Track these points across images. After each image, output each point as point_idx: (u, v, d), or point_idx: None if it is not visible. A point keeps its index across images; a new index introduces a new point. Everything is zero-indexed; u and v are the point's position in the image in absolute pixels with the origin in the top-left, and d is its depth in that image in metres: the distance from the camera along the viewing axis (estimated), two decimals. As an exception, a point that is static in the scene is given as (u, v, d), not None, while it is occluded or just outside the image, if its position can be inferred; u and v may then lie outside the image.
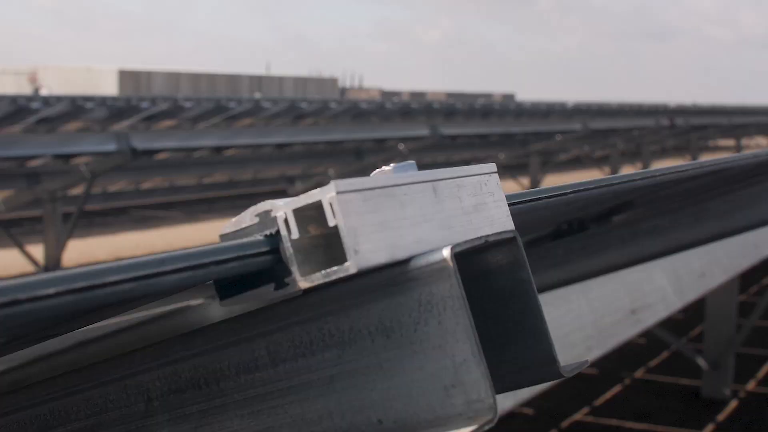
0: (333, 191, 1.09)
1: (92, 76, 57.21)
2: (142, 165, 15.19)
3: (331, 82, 72.65)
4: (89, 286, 0.91)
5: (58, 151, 14.50)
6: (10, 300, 0.85)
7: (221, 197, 21.73)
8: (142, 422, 1.35)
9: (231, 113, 19.28)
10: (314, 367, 1.21)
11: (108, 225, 20.09)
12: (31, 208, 15.02)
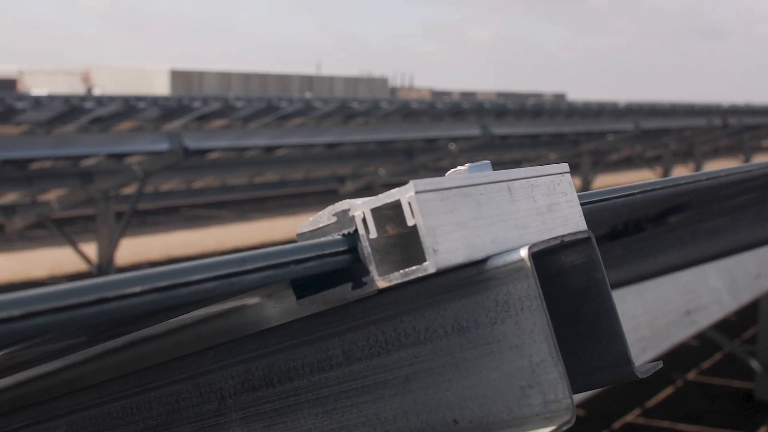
0: (412, 191, 1.09)
1: (144, 76, 57.61)
2: (194, 164, 15.27)
3: (381, 81, 72.70)
4: (174, 285, 0.92)
5: (111, 150, 14.61)
6: (98, 298, 0.85)
7: (272, 197, 21.81)
8: (215, 420, 1.35)
9: (282, 113, 19.34)
10: (389, 367, 1.21)
11: (160, 224, 20.23)
12: (85, 207, 15.15)
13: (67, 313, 0.83)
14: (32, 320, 0.80)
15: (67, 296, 0.83)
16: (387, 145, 16.51)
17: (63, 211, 14.75)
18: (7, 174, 14.14)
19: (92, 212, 14.85)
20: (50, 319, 0.81)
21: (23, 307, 0.79)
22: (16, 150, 13.56)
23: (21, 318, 0.79)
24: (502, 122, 20.75)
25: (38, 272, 15.49)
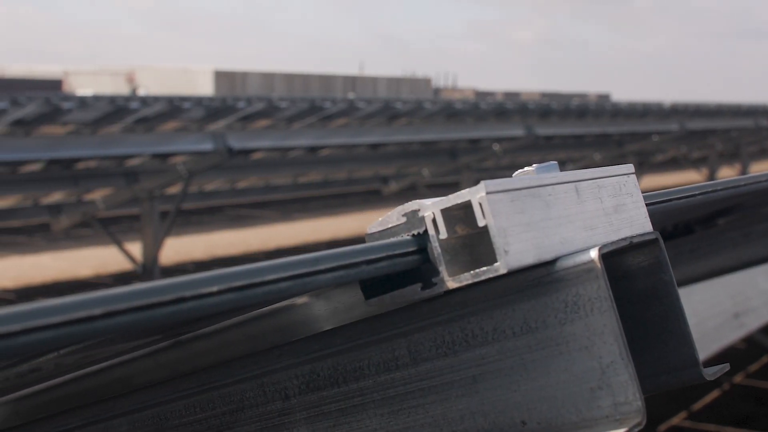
0: (483, 191, 1.09)
1: (188, 77, 57.90)
2: (238, 164, 15.32)
3: (424, 82, 72.64)
4: (249, 285, 0.92)
5: (155, 150, 14.69)
6: (177, 297, 0.85)
7: (315, 197, 21.85)
8: (279, 420, 1.35)
9: (325, 113, 19.36)
10: (456, 367, 1.20)
11: (204, 223, 20.32)
12: (130, 207, 15.22)
13: (146, 312, 0.83)
14: (112, 319, 0.80)
15: (146, 296, 0.83)
16: (430, 145, 16.49)
17: (108, 210, 14.83)
18: (54, 173, 14.24)
19: (137, 212, 14.93)
20: (130, 318, 0.82)
21: (104, 306, 0.80)
22: (62, 150, 13.65)
23: (102, 317, 0.80)
24: (546, 123, 20.69)
25: (84, 271, 15.61)
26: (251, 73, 60.57)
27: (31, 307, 0.77)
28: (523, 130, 16.18)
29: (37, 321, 0.76)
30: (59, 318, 0.77)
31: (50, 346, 0.77)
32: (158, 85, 53.35)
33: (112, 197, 14.71)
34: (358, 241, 4.96)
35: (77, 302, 0.78)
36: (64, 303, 0.78)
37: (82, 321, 0.78)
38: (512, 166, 20.01)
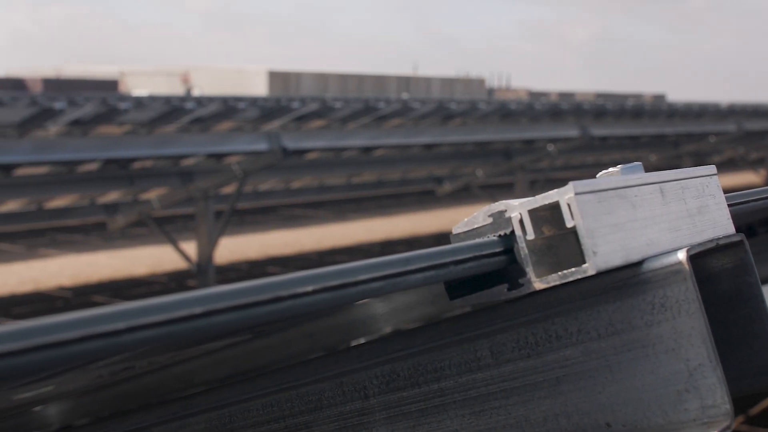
0: (571, 192, 1.08)
1: (242, 77, 58.15)
2: (292, 164, 15.36)
3: (478, 82, 72.46)
4: (343, 284, 0.92)
5: (210, 150, 14.76)
6: (273, 297, 0.86)
7: (369, 197, 21.87)
8: (358, 419, 1.35)
9: (380, 114, 19.39)
10: (539, 369, 1.20)
11: (258, 223, 20.39)
12: (185, 206, 15.32)
13: (244, 311, 0.83)
14: (212, 318, 0.81)
15: (244, 295, 0.84)
16: (485, 146, 16.45)
17: (163, 209, 14.93)
18: (110, 173, 14.36)
19: (192, 211, 15.01)
20: (229, 317, 0.82)
21: (204, 305, 0.80)
22: (118, 150, 13.76)
23: (202, 316, 0.80)
24: (601, 123, 20.57)
25: (139, 270, 15.72)
26: (305, 73, 60.72)
27: (135, 306, 0.78)
28: (577, 131, 16.10)
29: (140, 320, 0.77)
30: (162, 317, 0.78)
31: (152, 345, 0.77)
32: (213, 85, 53.62)
33: (168, 197, 14.80)
34: (412, 242, 4.99)
35: (179, 301, 0.79)
36: (166, 302, 0.78)
37: (183, 320, 0.79)
38: (567, 167, 19.93)
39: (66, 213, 15.67)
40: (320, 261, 16.27)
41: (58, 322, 0.74)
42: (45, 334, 0.72)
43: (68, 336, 0.73)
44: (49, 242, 18.15)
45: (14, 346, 0.70)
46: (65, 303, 13.29)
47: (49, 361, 0.71)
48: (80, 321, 0.75)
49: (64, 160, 13.35)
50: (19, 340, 0.70)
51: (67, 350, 0.73)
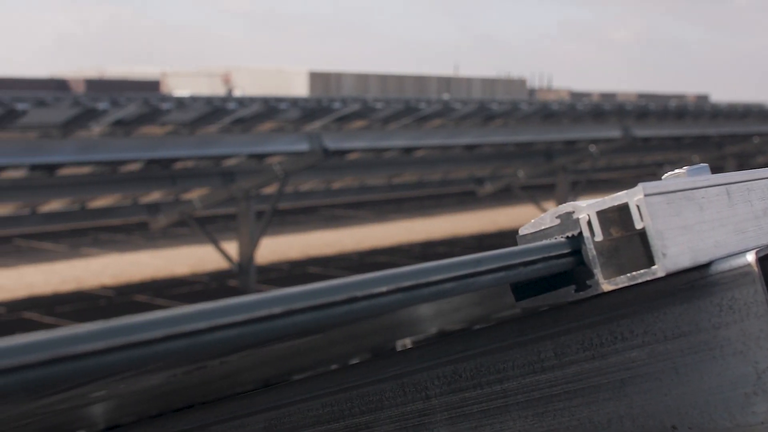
0: (641, 194, 1.08)
1: (283, 78, 58.23)
2: (333, 165, 15.37)
3: (519, 82, 72.19)
4: (417, 285, 0.92)
5: (252, 150, 14.81)
6: (349, 297, 0.86)
7: (410, 197, 21.87)
8: (419, 420, 1.35)
9: (421, 114, 19.38)
10: (604, 370, 1.20)
11: (299, 223, 20.43)
12: (226, 206, 15.37)
13: (322, 311, 0.84)
14: (291, 318, 0.81)
15: (322, 295, 0.84)
16: (526, 146, 16.41)
17: (205, 209, 14.99)
18: (152, 173, 14.43)
19: (233, 211, 15.06)
20: (307, 317, 0.83)
21: (284, 305, 0.81)
22: (160, 150, 13.83)
23: (282, 316, 0.80)
24: (643, 124, 20.46)
25: (180, 269, 15.80)
26: (345, 73, 60.75)
27: (217, 306, 0.78)
28: (620, 132, 16.02)
29: (222, 319, 0.77)
30: (243, 316, 0.78)
31: (233, 345, 0.78)
32: (253, 85, 53.74)
33: (209, 197, 14.86)
34: (453, 242, 4.97)
35: (259, 301, 0.79)
36: (247, 302, 0.79)
37: (263, 319, 0.79)
38: (609, 168, 19.84)
39: (108, 213, 15.76)
40: (361, 261, 16.28)
41: (142, 322, 0.75)
42: (130, 334, 0.73)
43: (152, 335, 0.74)
44: (92, 242, 18.27)
45: (100, 346, 0.70)
46: (108, 302, 13.38)
47: (133, 360, 0.72)
48: (164, 320, 0.76)
49: (107, 160, 13.43)
50: (104, 339, 0.71)
51: (151, 349, 0.73)
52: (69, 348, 0.67)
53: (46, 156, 12.38)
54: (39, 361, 0.66)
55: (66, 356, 0.67)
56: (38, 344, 0.66)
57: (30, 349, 0.65)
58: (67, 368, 0.67)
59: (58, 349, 0.67)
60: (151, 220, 15.31)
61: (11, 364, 0.65)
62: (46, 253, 17.14)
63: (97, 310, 12.86)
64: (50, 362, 0.66)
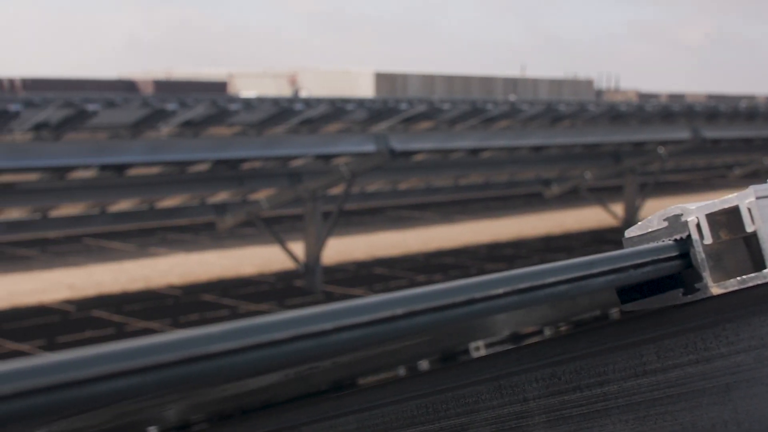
0: (752, 196, 1.07)
1: (349, 78, 58.38)
2: (400, 166, 15.39)
3: (586, 83, 71.78)
4: (532, 287, 0.92)
5: (319, 151, 14.86)
6: (468, 299, 0.86)
7: (476, 199, 21.81)
8: (516, 423, 1.35)
9: (487, 115, 19.34)
10: (708, 375, 1.18)
11: (365, 224, 20.45)
12: (293, 207, 15.43)
13: (441, 313, 0.84)
14: (412, 320, 0.81)
15: (442, 296, 0.84)
16: (593, 148, 16.31)
17: (272, 210, 15.06)
18: (220, 173, 14.52)
19: (300, 211, 15.11)
20: (427, 318, 0.83)
21: (406, 306, 0.81)
22: (228, 150, 13.91)
23: (403, 317, 0.81)
24: (713, 125, 20.23)
25: (247, 269, 15.88)
26: (411, 74, 60.81)
27: (341, 307, 0.79)
28: (689, 133, 15.86)
29: (347, 320, 0.78)
30: (367, 317, 0.78)
31: (356, 345, 0.78)
32: (319, 86, 53.92)
33: (276, 197, 14.93)
34: (519, 244, 4.94)
35: (382, 302, 0.80)
36: (370, 303, 0.79)
37: (386, 320, 0.79)
38: (677, 170, 19.65)
39: (176, 212, 15.90)
40: (427, 263, 16.26)
41: (270, 322, 0.75)
42: (258, 334, 0.73)
43: (280, 336, 0.74)
44: (160, 241, 18.42)
45: (230, 346, 0.71)
46: (175, 301, 13.48)
47: (262, 360, 0.72)
48: (290, 321, 0.76)
49: (175, 161, 13.54)
50: (234, 340, 0.71)
51: (279, 350, 0.74)
52: (204, 348, 0.68)
53: (116, 156, 12.50)
54: (177, 360, 0.66)
55: (202, 355, 0.68)
56: (179, 342, 0.66)
57: (170, 348, 0.66)
58: (203, 367, 0.68)
59: (193, 349, 0.67)
60: (219, 220, 15.42)
61: (159, 360, 0.66)
62: (115, 253, 17.30)
63: (165, 309, 12.96)
64: (186, 361, 0.67)
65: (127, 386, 0.69)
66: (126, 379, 0.68)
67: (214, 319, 12.44)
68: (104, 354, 0.70)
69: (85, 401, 0.66)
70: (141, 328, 12.06)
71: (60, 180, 12.49)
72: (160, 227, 18.60)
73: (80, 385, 0.67)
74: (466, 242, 18.17)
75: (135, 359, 0.69)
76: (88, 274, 15.44)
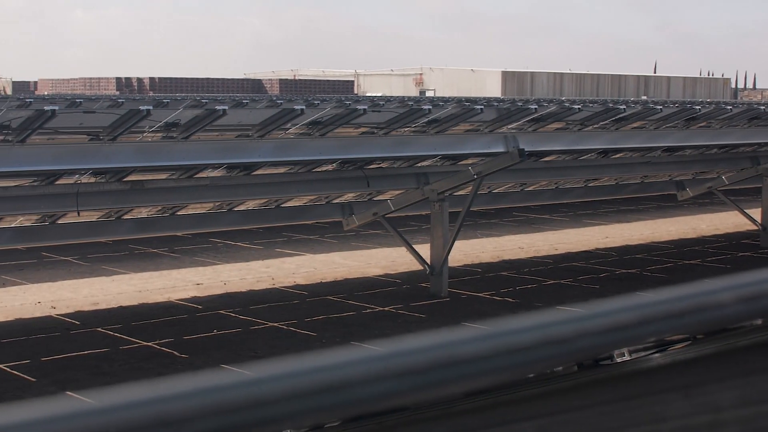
0: None
1: (476, 78, 58.21)
2: (528, 167, 15.13)
3: (722, 82, 70.45)
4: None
5: (446, 151, 14.72)
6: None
7: (607, 201, 21.44)
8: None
9: (620, 115, 18.94)
10: None
11: (492, 226, 20.26)
12: (419, 208, 15.31)
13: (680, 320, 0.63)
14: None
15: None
16: (731, 149, 15.85)
17: (398, 210, 14.96)
18: (346, 174, 14.48)
19: (426, 212, 15.00)
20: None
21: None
22: (355, 151, 13.89)
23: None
24: None
25: (373, 270, 15.81)
26: (539, 73, 60.38)
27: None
28: (831, 134, 15.30)
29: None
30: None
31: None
32: (445, 86, 53.84)
33: (403, 198, 14.81)
34: (651, 248, 4.58)
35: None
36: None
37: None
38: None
39: (302, 212, 15.89)
40: (555, 266, 15.97)
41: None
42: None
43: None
44: (286, 241, 18.49)
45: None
46: (301, 301, 13.46)
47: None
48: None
49: (302, 161, 13.52)
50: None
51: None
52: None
53: (243, 156, 12.54)
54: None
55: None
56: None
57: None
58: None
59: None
60: (344, 221, 15.35)
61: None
62: (242, 252, 17.40)
63: (291, 309, 12.94)
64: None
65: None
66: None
67: (339, 320, 12.37)
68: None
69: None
70: (267, 327, 12.04)
71: (188, 179, 12.56)
72: (285, 227, 18.67)
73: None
74: (596, 246, 17.84)
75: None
76: (215, 272, 15.54)
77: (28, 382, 9.72)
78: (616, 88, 61.18)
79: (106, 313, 12.73)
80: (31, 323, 12.13)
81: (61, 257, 16.47)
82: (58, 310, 12.83)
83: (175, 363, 10.46)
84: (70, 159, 10.70)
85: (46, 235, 13.12)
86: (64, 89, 67.25)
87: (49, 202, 11.39)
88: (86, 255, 16.56)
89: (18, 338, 11.41)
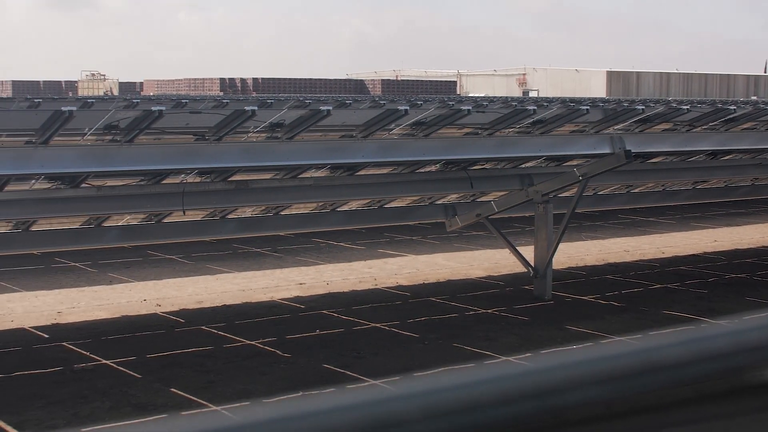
0: None
1: (580, 78, 57.51)
2: (635, 168, 14.87)
3: (837, 81, 68.79)
4: None
5: (551, 153, 14.56)
6: None
7: (715, 204, 20.99)
8: None
9: (730, 116, 18.50)
10: None
11: (597, 228, 19.95)
12: (523, 209, 15.13)
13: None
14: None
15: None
16: None
17: (501, 212, 14.80)
18: (450, 174, 14.38)
19: (530, 214, 14.83)
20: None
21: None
22: (458, 151, 13.81)
23: None
24: None
25: (476, 272, 15.67)
26: (645, 72, 59.43)
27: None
28: None
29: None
30: None
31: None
32: (549, 86, 53.28)
33: (506, 199, 14.66)
34: (762, 253, 4.37)
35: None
36: None
37: None
38: None
39: (405, 213, 15.80)
40: (662, 271, 15.67)
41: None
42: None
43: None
44: (389, 241, 18.43)
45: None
46: (403, 302, 13.38)
47: None
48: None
49: (406, 161, 13.45)
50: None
51: None
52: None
53: (347, 157, 12.52)
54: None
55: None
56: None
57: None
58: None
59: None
60: (447, 222, 15.24)
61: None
62: (344, 252, 17.39)
63: (393, 310, 12.87)
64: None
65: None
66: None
67: (441, 321, 12.26)
68: None
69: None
70: (369, 327, 11.98)
71: (292, 179, 12.57)
72: (388, 227, 18.61)
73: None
74: (704, 250, 17.46)
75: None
76: (318, 272, 15.54)
77: (134, 378, 9.80)
78: (725, 88, 59.97)
79: (210, 311, 12.81)
80: (137, 320, 12.25)
81: (166, 256, 16.63)
82: (163, 307, 12.94)
83: (278, 362, 10.46)
84: (176, 159, 10.77)
85: (152, 234, 13.24)
86: (169, 90, 68.11)
87: (155, 201, 11.48)
88: (191, 254, 16.70)
89: (124, 335, 11.53)
